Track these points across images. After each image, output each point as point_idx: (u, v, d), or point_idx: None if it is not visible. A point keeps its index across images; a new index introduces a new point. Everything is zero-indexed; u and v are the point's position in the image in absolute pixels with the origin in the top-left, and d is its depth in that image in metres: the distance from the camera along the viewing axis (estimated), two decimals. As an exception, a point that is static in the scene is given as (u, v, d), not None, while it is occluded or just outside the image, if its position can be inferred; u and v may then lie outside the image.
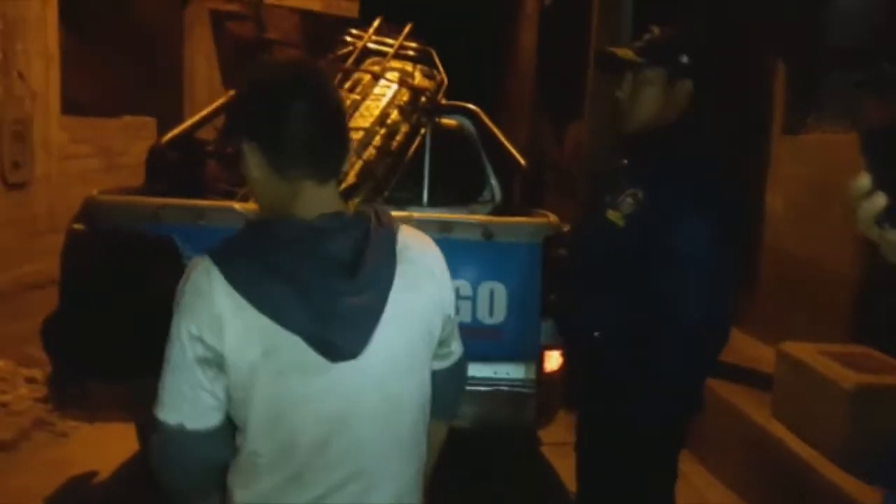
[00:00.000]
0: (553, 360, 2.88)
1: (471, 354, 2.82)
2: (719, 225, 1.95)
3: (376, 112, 3.88)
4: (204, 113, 3.85)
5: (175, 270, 2.66)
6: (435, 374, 1.39)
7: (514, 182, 4.03)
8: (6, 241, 6.10)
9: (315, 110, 1.24)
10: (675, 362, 1.98)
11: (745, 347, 3.96)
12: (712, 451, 3.65)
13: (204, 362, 1.20)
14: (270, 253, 1.19)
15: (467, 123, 4.33)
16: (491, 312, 2.86)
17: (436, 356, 1.39)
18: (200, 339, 1.19)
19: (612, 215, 2.06)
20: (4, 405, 4.22)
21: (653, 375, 1.99)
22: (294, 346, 1.18)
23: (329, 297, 1.18)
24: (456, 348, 1.47)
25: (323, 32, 14.19)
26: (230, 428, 1.26)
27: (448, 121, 4.23)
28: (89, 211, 2.79)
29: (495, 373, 2.89)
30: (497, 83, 11.19)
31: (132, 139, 8.30)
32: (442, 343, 1.40)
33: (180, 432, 1.21)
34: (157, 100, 8.83)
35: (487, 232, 2.88)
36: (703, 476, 3.70)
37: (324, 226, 1.21)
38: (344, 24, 12.19)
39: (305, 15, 12.83)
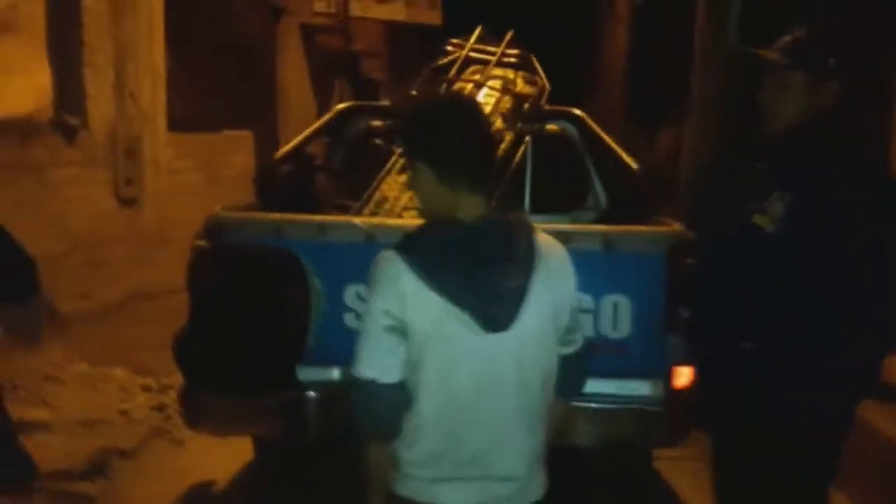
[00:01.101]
0: (683, 377, 2.75)
1: (595, 370, 2.76)
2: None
3: (481, 121, 3.83)
4: (314, 128, 3.90)
5: (300, 285, 2.73)
6: (562, 359, 1.66)
7: (622, 188, 3.91)
8: (120, 255, 6.37)
9: (474, 136, 1.59)
10: (856, 367, 1.93)
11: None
12: (845, 472, 3.43)
13: (391, 330, 1.52)
14: (441, 248, 1.53)
15: (570, 128, 4.25)
16: (615, 326, 2.75)
17: (563, 342, 1.66)
18: (389, 313, 1.52)
19: (760, 220, 2.00)
20: (125, 413, 4.37)
21: (823, 383, 1.93)
22: (458, 318, 1.51)
23: (488, 282, 1.51)
24: (579, 337, 1.72)
25: (406, 42, 14.41)
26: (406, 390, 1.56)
27: (550, 126, 4.16)
28: (212, 227, 2.84)
29: (621, 389, 2.78)
30: (587, 86, 11.02)
31: (231, 152, 8.56)
32: (569, 330, 1.67)
33: (373, 384, 1.53)
34: (252, 112, 9.08)
35: (608, 242, 2.78)
36: (836, 498, 3.49)
37: (480, 227, 1.55)
38: (428, 32, 12.36)
39: (389, 25, 13.02)
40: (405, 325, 1.51)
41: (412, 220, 2.82)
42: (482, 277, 1.51)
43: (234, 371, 2.62)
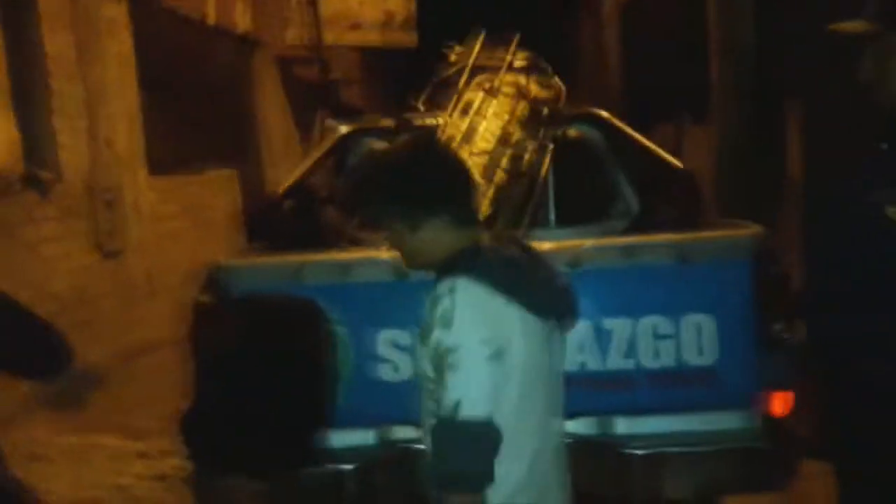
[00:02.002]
0: (783, 403, 2.34)
1: (681, 405, 2.38)
2: None
3: (497, 132, 3.51)
4: (316, 156, 3.52)
5: (322, 338, 2.30)
6: None
7: (662, 190, 3.55)
8: (107, 311, 5.94)
9: (462, 171, 1.62)
10: None
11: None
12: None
13: (496, 357, 1.45)
14: (503, 267, 1.52)
15: (593, 130, 3.91)
16: (699, 351, 2.35)
17: None
18: (487, 341, 1.44)
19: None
20: (123, 489, 3.91)
21: None
22: (534, 325, 1.52)
23: (553, 290, 1.58)
24: None
25: (383, 66, 14.10)
26: None
27: (572, 130, 3.82)
28: (217, 278, 2.41)
29: (712, 425, 2.37)
30: (580, 87, 10.74)
31: (215, 194, 8.17)
32: None
33: (489, 423, 1.41)
34: (233, 150, 8.72)
35: (682, 252, 2.38)
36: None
37: (503, 247, 1.59)
38: (403, 55, 12.04)
39: (365, 51, 12.74)
40: (503, 350, 1.46)
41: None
42: (549, 287, 1.57)
43: (252, 449, 2.18)
